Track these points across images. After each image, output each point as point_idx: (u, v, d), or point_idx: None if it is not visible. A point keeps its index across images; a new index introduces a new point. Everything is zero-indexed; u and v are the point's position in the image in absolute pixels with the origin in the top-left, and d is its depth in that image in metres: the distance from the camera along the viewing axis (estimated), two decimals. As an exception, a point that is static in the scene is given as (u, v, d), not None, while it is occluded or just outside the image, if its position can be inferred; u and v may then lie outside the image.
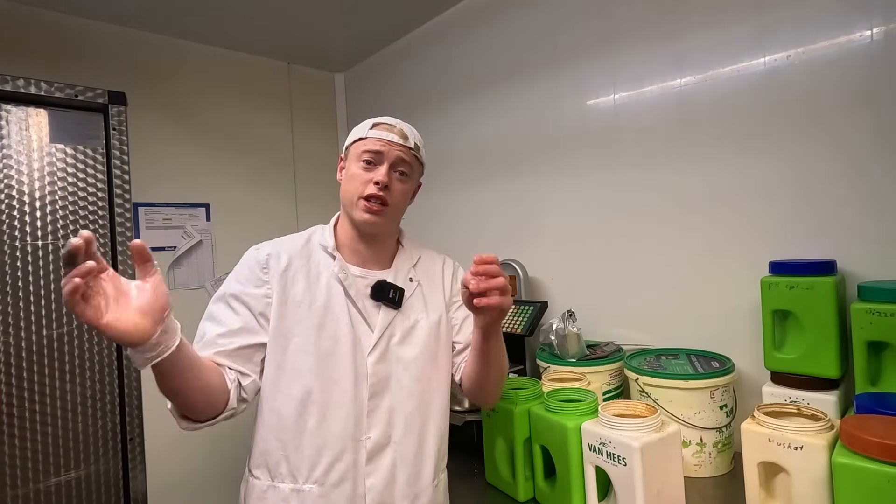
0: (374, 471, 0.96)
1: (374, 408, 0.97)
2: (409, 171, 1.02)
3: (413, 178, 1.05)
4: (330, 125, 2.80)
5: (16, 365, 1.91)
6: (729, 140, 1.33)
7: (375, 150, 0.99)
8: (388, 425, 0.97)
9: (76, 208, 2.05)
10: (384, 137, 1.00)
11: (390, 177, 0.99)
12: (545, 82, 1.77)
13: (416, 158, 1.04)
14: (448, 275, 1.13)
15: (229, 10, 2.06)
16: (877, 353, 1.00)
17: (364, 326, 0.99)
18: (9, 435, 1.89)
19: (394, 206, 1.01)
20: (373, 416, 0.96)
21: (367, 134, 1.01)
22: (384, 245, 1.07)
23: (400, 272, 1.06)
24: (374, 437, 0.96)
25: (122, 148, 2.11)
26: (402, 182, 1.02)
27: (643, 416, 0.98)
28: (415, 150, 1.03)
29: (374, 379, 0.97)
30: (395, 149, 1.00)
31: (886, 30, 1.09)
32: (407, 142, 1.01)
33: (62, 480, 1.99)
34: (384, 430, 0.97)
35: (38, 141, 1.99)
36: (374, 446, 0.96)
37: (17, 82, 1.88)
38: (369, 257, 1.05)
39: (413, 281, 1.06)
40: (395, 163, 1.00)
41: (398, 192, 1.01)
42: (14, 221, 1.93)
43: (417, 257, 1.11)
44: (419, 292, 1.06)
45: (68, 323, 2.02)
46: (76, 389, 2.03)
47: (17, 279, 1.93)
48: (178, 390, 0.82)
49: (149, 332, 0.70)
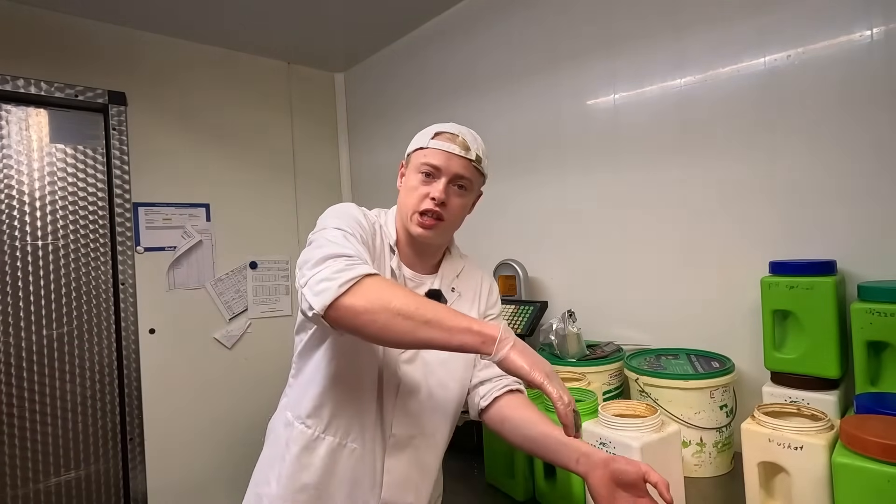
0: (394, 467, 0.98)
1: (402, 406, 0.99)
2: (468, 185, 0.99)
3: (473, 191, 1.02)
4: (330, 125, 2.80)
5: (16, 365, 1.91)
6: (729, 140, 1.33)
7: (435, 163, 0.96)
8: (413, 426, 0.99)
9: (76, 208, 2.05)
10: (445, 149, 0.96)
11: (448, 192, 0.96)
12: (545, 82, 1.77)
13: (478, 171, 1.00)
14: (485, 290, 1.13)
15: (229, 10, 2.06)
16: (877, 353, 1.00)
17: None
18: (9, 435, 1.89)
19: (449, 220, 0.99)
20: (399, 415, 0.98)
21: (427, 144, 0.98)
22: (434, 253, 1.07)
23: (444, 280, 1.06)
24: (398, 436, 0.98)
25: (122, 148, 2.11)
26: (460, 196, 0.99)
27: (643, 416, 0.98)
28: (476, 161, 0.98)
29: (405, 378, 0.98)
30: (455, 162, 0.96)
31: (886, 30, 1.09)
32: (468, 153, 0.97)
33: (62, 480, 1.99)
34: (408, 430, 0.99)
35: (38, 141, 1.99)
36: (397, 443, 0.98)
37: (17, 82, 1.89)
38: (417, 261, 1.05)
39: (455, 291, 1.06)
40: (454, 178, 0.97)
41: (455, 207, 0.98)
42: (14, 221, 1.93)
43: (461, 267, 1.10)
44: (458, 303, 1.06)
45: (68, 323, 2.03)
46: (76, 389, 2.03)
47: (17, 279, 1.93)
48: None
49: None
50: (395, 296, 0.76)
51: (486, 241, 1.98)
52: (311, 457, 0.96)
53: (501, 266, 1.82)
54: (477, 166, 0.99)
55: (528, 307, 1.63)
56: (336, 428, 0.97)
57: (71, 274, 2.04)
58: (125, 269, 2.10)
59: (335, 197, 2.79)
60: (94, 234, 2.10)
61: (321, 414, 0.97)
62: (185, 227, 2.27)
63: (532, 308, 1.62)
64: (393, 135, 2.48)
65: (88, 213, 2.08)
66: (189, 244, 2.27)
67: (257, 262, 2.45)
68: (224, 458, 2.30)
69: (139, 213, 2.16)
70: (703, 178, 1.39)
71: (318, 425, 0.97)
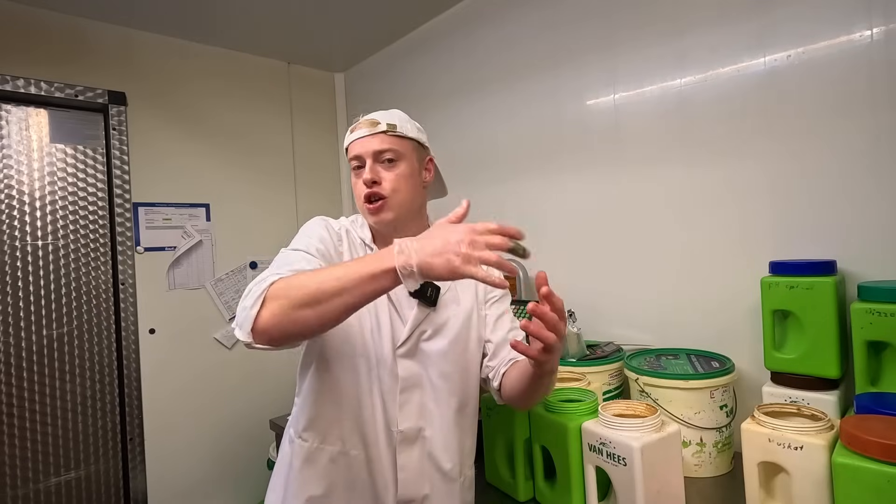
0: (407, 464, 0.98)
1: (405, 402, 0.98)
2: (396, 154, 0.98)
3: (405, 159, 1.00)
4: (330, 125, 2.80)
5: (16, 365, 1.91)
6: (729, 140, 1.33)
7: (355, 154, 1.00)
8: (419, 419, 0.99)
9: (76, 208, 2.05)
10: (356, 137, 1.00)
11: (375, 171, 0.98)
12: (545, 82, 1.77)
13: (399, 137, 0.99)
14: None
15: (229, 10, 2.06)
16: (877, 353, 1.00)
17: (398, 322, 1.00)
18: (9, 435, 1.89)
19: (393, 193, 0.98)
20: (404, 410, 0.98)
21: (346, 143, 1.03)
22: (412, 234, 1.07)
23: None
24: (405, 430, 0.98)
25: (122, 148, 2.11)
26: (391, 169, 0.98)
27: (643, 416, 0.98)
28: (390, 130, 0.98)
29: (404, 374, 0.98)
30: (369, 142, 0.98)
31: (886, 30, 1.09)
32: (377, 127, 0.98)
33: (62, 480, 1.99)
34: (415, 423, 0.99)
35: (38, 141, 1.99)
36: (405, 439, 0.98)
37: (17, 82, 1.88)
38: None
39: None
40: (376, 155, 0.98)
41: (391, 180, 0.98)
42: (14, 221, 1.93)
43: None
44: (454, 288, 1.05)
45: (68, 323, 2.03)
46: (76, 389, 2.03)
47: (17, 279, 1.93)
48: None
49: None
50: (293, 287, 0.75)
51: (486, 241, 1.98)
52: (313, 469, 0.97)
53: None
54: (393, 133, 0.99)
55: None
56: (335, 437, 0.97)
57: (71, 274, 2.04)
58: (125, 269, 2.10)
59: (335, 197, 2.79)
60: (94, 234, 2.10)
61: (318, 426, 0.98)
62: (185, 227, 2.27)
63: (532, 308, 1.62)
64: (393, 135, 2.48)
65: (88, 213, 2.08)
66: (189, 244, 2.27)
67: (257, 262, 2.45)
68: (224, 458, 2.30)
69: (139, 213, 2.16)
70: (704, 178, 1.38)
71: (315, 438, 0.98)
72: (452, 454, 1.02)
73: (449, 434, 1.02)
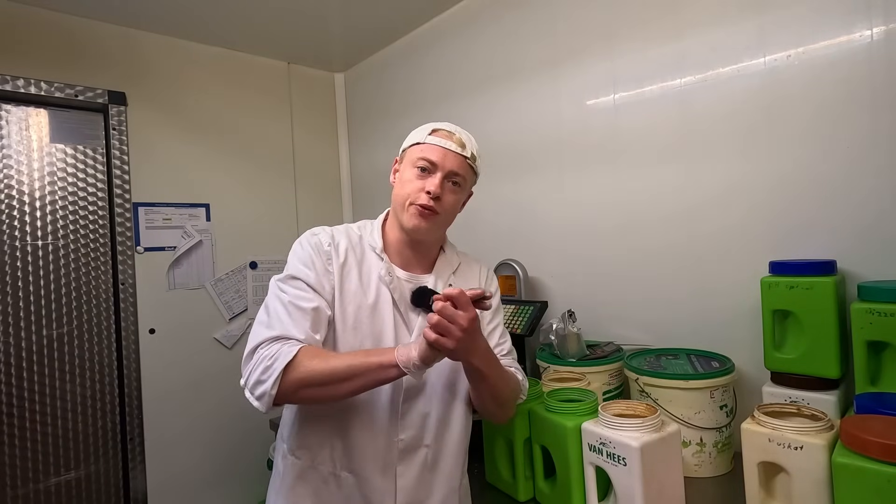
0: (406, 471, 0.98)
1: (407, 411, 0.98)
2: (462, 182, 1.01)
3: (465, 189, 1.04)
4: (330, 125, 2.80)
5: (16, 365, 1.91)
6: (729, 140, 1.33)
7: (433, 159, 0.98)
8: (421, 429, 0.99)
9: (76, 208, 2.05)
10: (441, 145, 0.98)
11: (443, 187, 0.98)
12: (545, 82, 1.77)
13: (471, 168, 1.03)
14: (483, 280, 1.13)
15: (229, 10, 2.06)
16: (877, 353, 1.00)
17: (403, 330, 1.00)
18: (9, 435, 1.89)
19: (443, 215, 1.00)
20: (405, 420, 0.98)
21: (425, 139, 1.00)
22: (429, 251, 1.07)
23: (441, 277, 1.06)
24: (407, 440, 0.98)
25: (122, 148, 2.11)
26: (454, 193, 1.00)
27: (643, 416, 0.98)
28: (471, 159, 1.01)
29: (407, 383, 0.98)
30: (451, 158, 0.98)
31: (886, 30, 1.09)
32: (464, 151, 1.00)
33: (62, 480, 1.99)
34: (417, 433, 0.99)
35: (38, 141, 1.99)
36: (406, 448, 0.98)
37: (17, 82, 1.88)
38: (413, 260, 1.05)
39: (452, 287, 1.06)
40: (450, 174, 0.98)
41: (449, 203, 1.00)
42: (14, 221, 1.93)
43: (457, 264, 1.11)
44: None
45: (68, 323, 2.03)
46: (76, 389, 2.03)
47: (17, 279, 1.93)
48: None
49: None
50: (313, 373, 0.86)
51: (486, 241, 1.98)
52: (305, 487, 0.97)
53: (501, 266, 1.82)
54: (471, 164, 1.02)
55: (528, 307, 1.63)
56: (325, 458, 0.97)
57: (71, 274, 2.04)
58: (125, 269, 2.10)
59: (335, 197, 2.79)
60: (94, 234, 2.10)
61: (309, 445, 0.98)
62: (185, 227, 2.27)
63: (532, 308, 1.62)
64: (393, 134, 2.48)
65: (88, 213, 2.08)
66: (189, 244, 2.27)
67: (257, 262, 2.45)
68: (224, 459, 2.30)
69: (139, 213, 2.16)
70: (703, 178, 1.38)
71: (306, 457, 0.98)
72: (452, 462, 1.02)
73: (450, 442, 1.02)
